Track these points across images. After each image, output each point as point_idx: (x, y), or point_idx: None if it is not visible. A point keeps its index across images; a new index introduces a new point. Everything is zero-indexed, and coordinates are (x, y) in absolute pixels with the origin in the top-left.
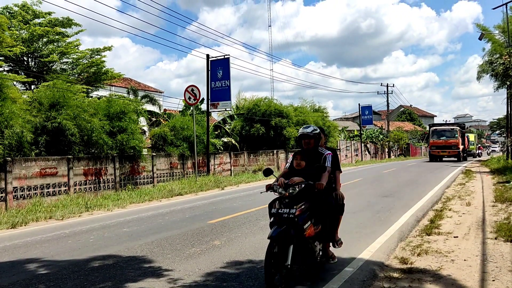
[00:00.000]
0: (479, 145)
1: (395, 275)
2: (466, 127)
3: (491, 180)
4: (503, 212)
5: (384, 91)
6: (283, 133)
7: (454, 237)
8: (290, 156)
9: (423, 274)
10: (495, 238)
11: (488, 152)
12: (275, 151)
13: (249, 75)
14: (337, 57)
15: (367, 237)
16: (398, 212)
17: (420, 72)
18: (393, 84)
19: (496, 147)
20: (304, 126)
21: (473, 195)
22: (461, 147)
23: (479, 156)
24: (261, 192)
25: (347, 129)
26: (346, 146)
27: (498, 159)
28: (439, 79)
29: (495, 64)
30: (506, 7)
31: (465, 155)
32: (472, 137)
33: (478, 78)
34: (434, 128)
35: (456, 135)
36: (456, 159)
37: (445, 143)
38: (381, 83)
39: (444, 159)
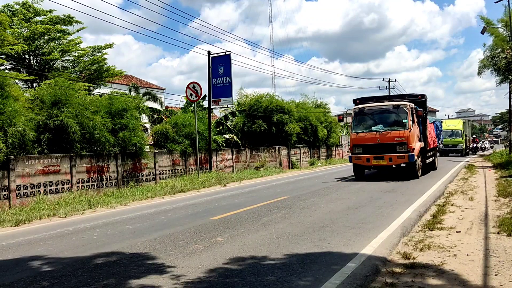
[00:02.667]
0: (474, 136)
1: (398, 270)
2: (427, 99)
3: (494, 175)
4: (506, 207)
5: (386, 86)
6: (285, 129)
7: (456, 232)
8: (292, 151)
9: (425, 269)
10: (498, 233)
11: (482, 147)
12: (277, 147)
13: (251, 72)
14: (339, 52)
15: (370, 232)
16: (401, 207)
17: (423, 66)
18: (395, 79)
19: (486, 143)
20: None
21: (475, 189)
22: (416, 145)
23: (473, 153)
24: None
25: (349, 124)
26: (348, 142)
27: (500, 153)
28: (442, 74)
29: (497, 59)
30: (509, 1)
31: (432, 159)
32: (458, 123)
33: (479, 73)
34: (361, 107)
35: (405, 121)
36: (406, 167)
37: (380, 139)
38: (383, 78)
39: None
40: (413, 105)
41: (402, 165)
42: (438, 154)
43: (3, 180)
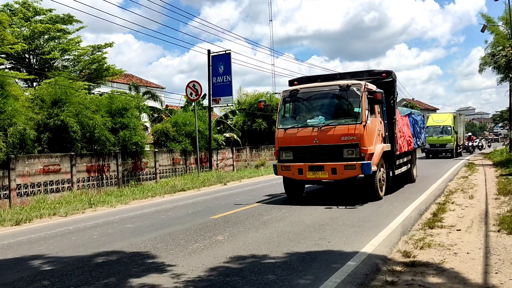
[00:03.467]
0: (469, 134)
1: (398, 268)
2: (395, 78)
3: (494, 173)
4: (506, 205)
5: None
6: None
7: (457, 230)
8: None
9: (426, 267)
10: (498, 231)
11: (479, 145)
12: None
13: (251, 70)
14: (339, 51)
15: (370, 231)
16: (401, 206)
17: (423, 65)
18: None
19: (483, 141)
20: None
21: (476, 188)
22: (376, 148)
23: (469, 153)
24: None
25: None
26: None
27: (501, 151)
28: (443, 72)
29: (498, 57)
30: None
31: (406, 168)
32: (447, 118)
33: (480, 70)
34: (292, 90)
35: (358, 110)
36: (362, 181)
37: (319, 139)
38: None
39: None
40: (373, 86)
41: (360, 176)
42: (423, 155)
43: (3, 179)
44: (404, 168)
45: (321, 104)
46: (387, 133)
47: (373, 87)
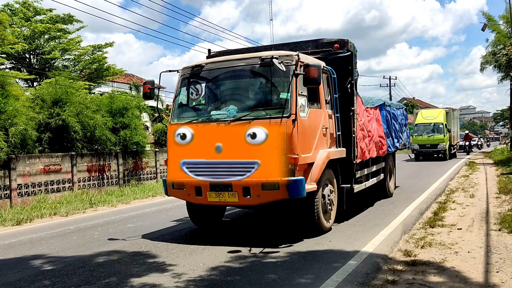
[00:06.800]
0: (467, 132)
1: (399, 267)
2: (355, 52)
3: (495, 172)
4: (507, 204)
5: (387, 84)
6: None
7: (457, 229)
8: None
9: (427, 266)
10: (499, 230)
11: (479, 144)
12: None
13: None
14: None
15: (371, 230)
16: (402, 205)
17: (424, 64)
18: (396, 77)
19: (482, 140)
20: None
21: (476, 187)
22: (316, 156)
23: (467, 153)
24: None
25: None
26: None
27: (502, 150)
28: (443, 71)
29: (499, 55)
30: None
31: (378, 179)
32: (438, 114)
33: (482, 69)
34: (195, 66)
35: (285, 95)
36: (298, 206)
37: (224, 142)
38: (384, 76)
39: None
40: (308, 59)
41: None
42: (413, 156)
43: (4, 179)
44: (372, 181)
45: (233, 86)
46: (338, 132)
47: (309, 60)
